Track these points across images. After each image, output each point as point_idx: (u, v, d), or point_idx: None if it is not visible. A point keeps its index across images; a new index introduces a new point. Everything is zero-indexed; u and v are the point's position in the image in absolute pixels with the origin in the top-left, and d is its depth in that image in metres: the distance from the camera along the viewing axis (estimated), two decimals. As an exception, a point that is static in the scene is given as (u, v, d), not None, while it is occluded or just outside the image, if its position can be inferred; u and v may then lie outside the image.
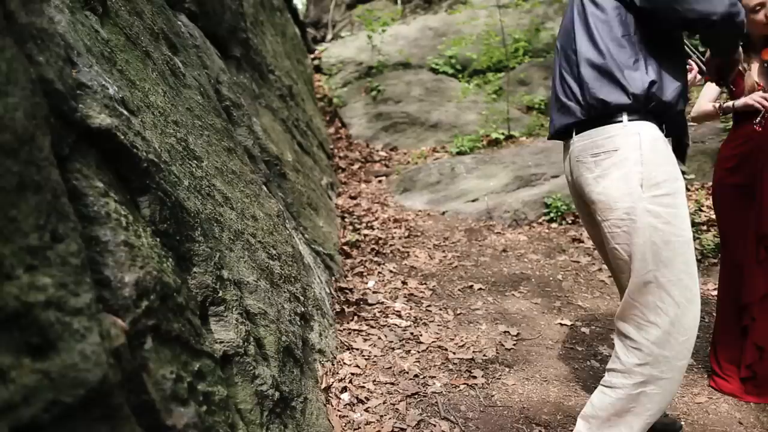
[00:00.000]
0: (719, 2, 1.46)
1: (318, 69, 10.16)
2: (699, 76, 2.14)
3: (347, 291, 3.29)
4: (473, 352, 2.65)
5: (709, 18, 1.47)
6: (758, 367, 2.22)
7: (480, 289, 3.50)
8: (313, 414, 1.86)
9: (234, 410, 1.42)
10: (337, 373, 2.32)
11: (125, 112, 1.40)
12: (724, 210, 2.37)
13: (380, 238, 4.35)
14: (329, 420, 1.93)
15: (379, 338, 2.74)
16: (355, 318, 2.95)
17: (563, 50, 1.81)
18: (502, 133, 6.69)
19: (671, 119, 1.72)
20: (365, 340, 2.71)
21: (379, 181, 6.17)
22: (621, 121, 1.63)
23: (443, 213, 5.13)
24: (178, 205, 1.50)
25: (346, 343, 2.64)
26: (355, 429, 1.95)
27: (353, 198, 5.49)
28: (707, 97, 2.45)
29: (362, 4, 12.00)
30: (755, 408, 2.20)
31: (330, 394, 2.11)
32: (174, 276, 1.34)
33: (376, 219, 4.87)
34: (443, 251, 4.19)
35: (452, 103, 8.14)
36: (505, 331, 2.89)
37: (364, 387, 2.24)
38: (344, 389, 2.17)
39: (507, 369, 2.51)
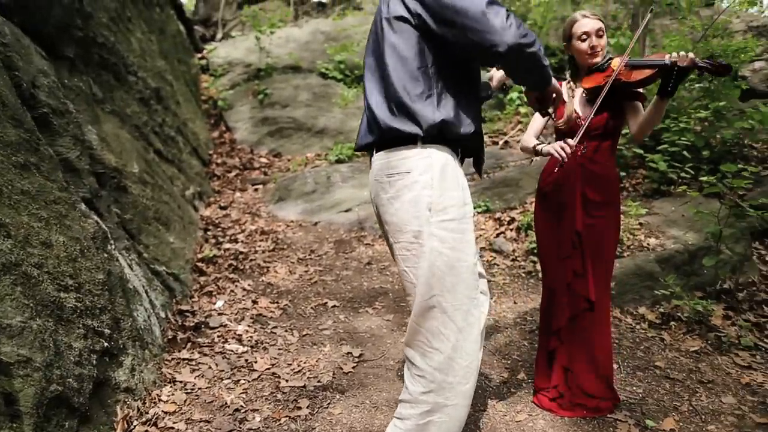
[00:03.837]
0: (508, 33, 1.41)
1: (205, 69, 9.68)
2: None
3: (188, 314, 3.07)
4: (308, 378, 2.54)
5: (495, 48, 1.42)
6: (563, 387, 2.30)
7: (334, 306, 3.41)
8: (87, 471, 1.66)
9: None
10: (146, 413, 2.12)
11: None
12: (540, 236, 2.44)
13: (241, 253, 4.15)
14: (113, 474, 1.73)
15: (210, 367, 2.56)
16: (189, 345, 2.74)
17: (368, 69, 1.74)
18: (384, 142, 6.69)
19: (466, 144, 1.70)
20: (193, 370, 2.52)
21: (255, 190, 5.94)
22: (415, 145, 1.59)
23: (315, 224, 5.01)
24: None
25: (169, 376, 2.43)
26: (145, 481, 1.77)
27: (223, 208, 5.24)
28: (534, 128, 2.46)
29: (254, 3, 11.63)
30: (569, 422, 2.27)
31: (126, 441, 1.91)
32: None
33: (243, 231, 4.65)
34: (306, 265, 4.07)
35: (339, 108, 8.07)
36: (348, 353, 2.82)
37: (173, 428, 2.06)
38: (145, 434, 1.98)
39: (338, 396, 2.42)
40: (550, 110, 1.88)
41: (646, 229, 4.14)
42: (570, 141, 2.10)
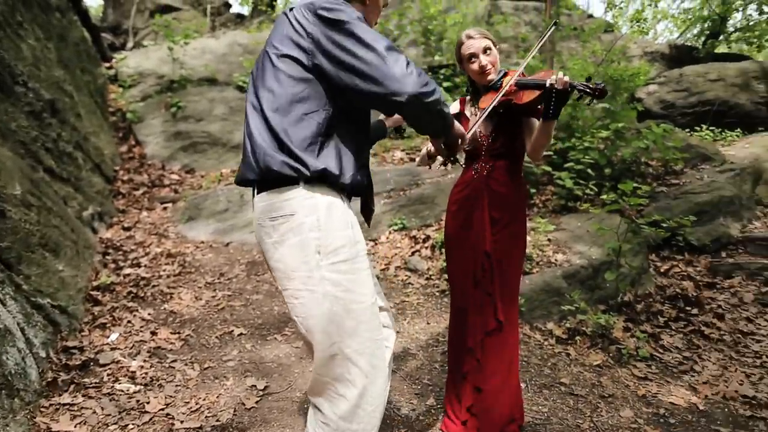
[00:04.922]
0: (409, 81, 1.35)
1: (114, 80, 9.13)
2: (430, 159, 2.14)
3: (75, 351, 2.80)
4: (206, 417, 2.37)
5: (395, 98, 1.35)
6: (476, 408, 2.27)
7: (241, 334, 3.24)
8: None
9: None
10: (11, 472, 1.87)
11: None
12: (449, 253, 2.42)
13: (143, 278, 3.88)
14: None
15: (94, 412, 2.33)
16: (72, 387, 2.49)
17: (251, 104, 1.58)
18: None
19: (352, 186, 1.58)
20: (74, 417, 2.28)
21: (164, 209, 5.62)
22: (298, 185, 1.48)
23: (227, 244, 4.80)
24: None
25: (43, 426, 2.18)
26: None
27: (127, 229, 4.90)
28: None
29: (167, 12, 11.17)
30: (475, 449, 2.25)
31: None
32: None
33: (147, 254, 4.36)
34: (214, 290, 3.87)
35: (257, 123, 7.86)
36: (252, 386, 2.67)
37: (41, 488, 1.84)
38: (5, 499, 1.75)
39: (238, 435, 2.28)
40: (459, 157, 1.80)
41: (554, 245, 4.27)
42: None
